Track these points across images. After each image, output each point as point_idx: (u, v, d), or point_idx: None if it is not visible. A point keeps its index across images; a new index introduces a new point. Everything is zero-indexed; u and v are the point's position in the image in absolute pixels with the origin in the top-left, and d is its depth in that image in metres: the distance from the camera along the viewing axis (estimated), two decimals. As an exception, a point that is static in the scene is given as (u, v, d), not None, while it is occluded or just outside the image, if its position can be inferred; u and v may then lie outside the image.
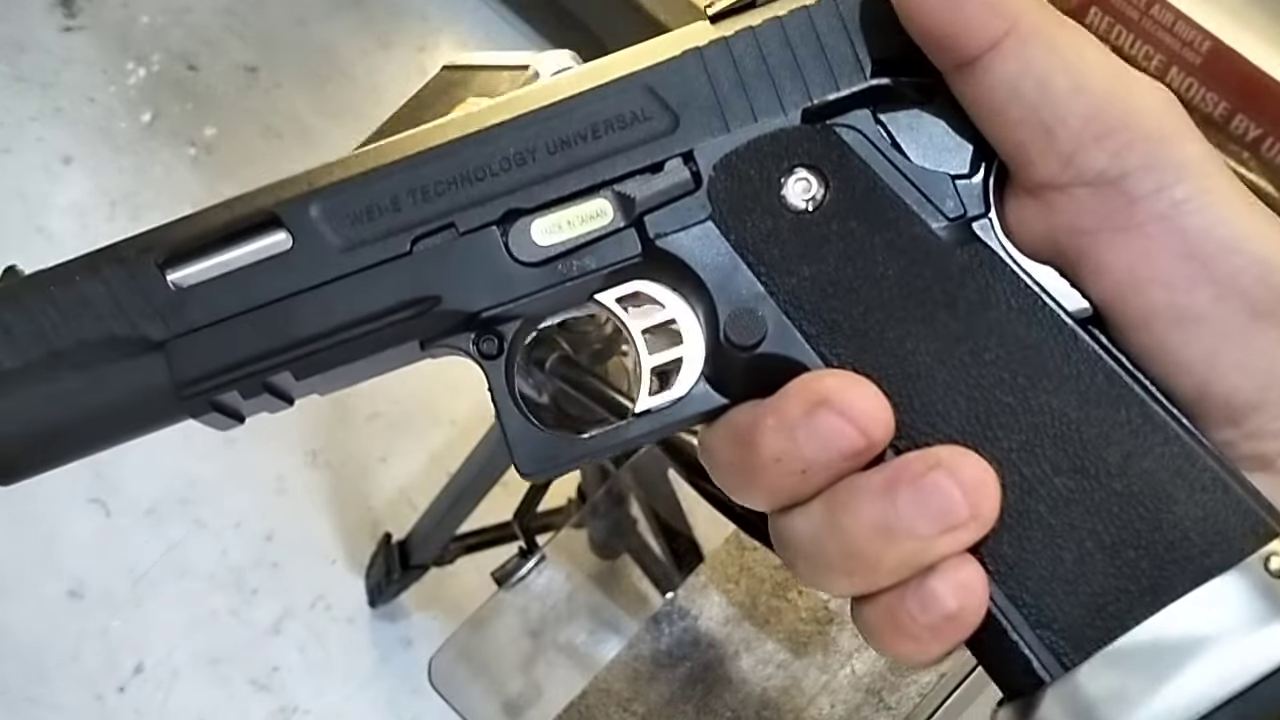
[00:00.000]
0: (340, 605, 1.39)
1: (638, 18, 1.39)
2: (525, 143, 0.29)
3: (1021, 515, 0.26)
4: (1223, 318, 0.26)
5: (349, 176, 0.29)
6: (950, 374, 0.27)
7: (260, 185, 0.31)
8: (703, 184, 0.28)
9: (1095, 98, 0.25)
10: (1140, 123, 0.26)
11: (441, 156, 0.29)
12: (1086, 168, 0.26)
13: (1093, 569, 0.26)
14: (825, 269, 0.28)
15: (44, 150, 1.63)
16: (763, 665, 0.62)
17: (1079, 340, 0.27)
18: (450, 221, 0.29)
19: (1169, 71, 0.79)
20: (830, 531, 0.26)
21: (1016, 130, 0.26)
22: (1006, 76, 0.26)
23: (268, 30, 1.74)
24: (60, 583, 1.37)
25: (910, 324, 0.27)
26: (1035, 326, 0.27)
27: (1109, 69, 0.26)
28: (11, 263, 0.31)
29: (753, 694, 0.61)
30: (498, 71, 0.58)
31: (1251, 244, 0.25)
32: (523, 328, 0.30)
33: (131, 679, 1.34)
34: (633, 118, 0.28)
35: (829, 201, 0.28)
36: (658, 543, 1.06)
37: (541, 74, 0.54)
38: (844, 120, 0.28)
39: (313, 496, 1.44)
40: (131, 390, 0.29)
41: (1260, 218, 0.26)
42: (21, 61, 1.69)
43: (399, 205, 0.29)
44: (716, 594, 0.63)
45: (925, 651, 0.26)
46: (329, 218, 0.29)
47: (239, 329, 0.29)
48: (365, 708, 1.35)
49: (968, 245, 0.28)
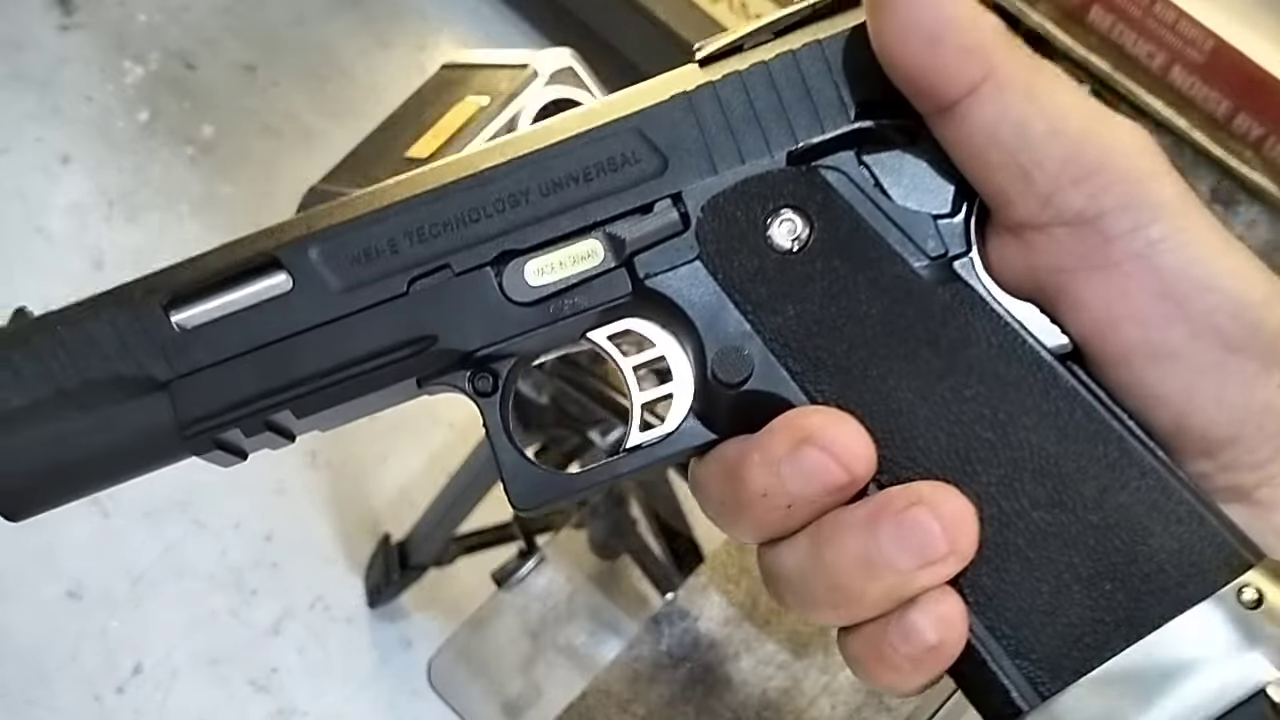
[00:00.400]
0: (340, 606, 1.39)
1: (637, 16, 1.38)
2: (519, 185, 0.29)
3: (1000, 548, 0.27)
4: (1197, 354, 0.26)
5: (347, 219, 0.30)
6: (932, 410, 0.28)
7: (255, 183, 0.31)
8: (691, 225, 0.29)
9: (1071, 141, 0.26)
10: (1116, 164, 0.26)
11: (437, 199, 0.30)
12: (1064, 208, 0.27)
13: (1070, 600, 0.27)
14: (810, 308, 0.28)
15: (42, 150, 1.63)
16: (763, 666, 0.62)
17: (1058, 376, 0.28)
18: (446, 263, 0.29)
19: (1171, 70, 0.79)
20: (815, 565, 0.27)
21: (996, 173, 0.27)
22: (984, 121, 0.27)
23: (266, 29, 1.74)
24: (59, 584, 1.37)
25: (893, 361, 0.28)
26: (1015, 363, 0.28)
27: (1085, 112, 0.27)
28: (21, 304, 0.32)
29: (753, 695, 0.61)
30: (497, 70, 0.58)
31: (1225, 282, 0.26)
32: (517, 365, 0.30)
33: (130, 680, 1.34)
34: (623, 160, 0.29)
35: (814, 241, 0.29)
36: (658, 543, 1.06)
37: (540, 72, 0.54)
38: (829, 162, 0.29)
39: (312, 497, 1.44)
40: (137, 429, 0.30)
41: (1235, 256, 0.27)
42: (19, 60, 1.69)
43: (396, 247, 0.29)
44: (717, 595, 0.63)
45: (908, 682, 0.27)
46: (328, 260, 0.30)
47: (241, 369, 0.30)
48: (365, 708, 1.35)
49: (949, 284, 0.28)
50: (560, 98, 0.54)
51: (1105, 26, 0.81)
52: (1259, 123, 0.77)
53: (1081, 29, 0.82)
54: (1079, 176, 0.26)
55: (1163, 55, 0.79)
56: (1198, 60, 0.77)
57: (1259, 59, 0.75)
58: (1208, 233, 0.26)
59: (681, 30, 1.34)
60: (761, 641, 0.62)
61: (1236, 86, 0.76)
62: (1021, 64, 0.27)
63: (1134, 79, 0.80)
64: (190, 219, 1.60)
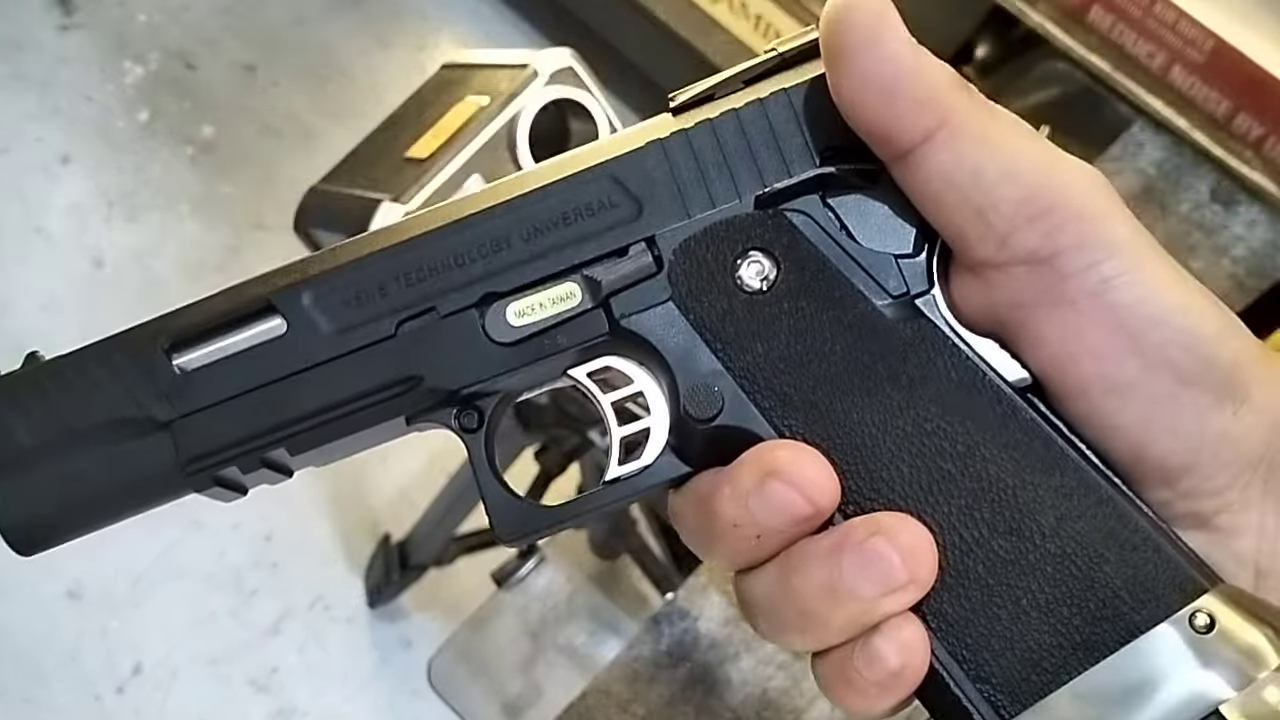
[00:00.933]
0: (339, 606, 1.39)
1: (637, 16, 1.38)
2: (500, 230, 0.31)
3: (961, 575, 0.28)
4: (1152, 386, 0.28)
5: (338, 265, 0.31)
6: (894, 443, 0.29)
7: (255, 183, 0.31)
8: (664, 267, 0.30)
9: (1025, 183, 0.28)
10: (1069, 204, 0.28)
11: (423, 244, 0.31)
12: (1020, 248, 0.28)
13: (1028, 626, 0.28)
14: (778, 346, 0.30)
15: (42, 150, 1.63)
16: (763, 666, 0.62)
17: (1017, 409, 0.29)
18: (432, 305, 0.31)
19: (1171, 70, 0.79)
20: (784, 592, 0.28)
21: (953, 215, 0.28)
22: (941, 167, 0.28)
23: (266, 29, 1.74)
24: (59, 583, 1.37)
25: (857, 396, 0.29)
26: (975, 396, 0.29)
27: (1038, 155, 0.28)
28: (33, 349, 0.33)
29: (753, 695, 0.61)
30: (497, 70, 0.58)
31: (1177, 317, 0.27)
32: (501, 402, 0.32)
33: (130, 680, 1.34)
34: (599, 206, 0.31)
35: (780, 282, 0.30)
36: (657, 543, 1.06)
37: (540, 72, 0.54)
38: (795, 205, 0.30)
39: (312, 497, 1.44)
40: (141, 468, 0.32)
41: (1188, 291, 0.28)
42: (19, 60, 1.69)
43: (385, 291, 0.31)
44: (716, 595, 0.63)
45: (874, 705, 0.28)
46: (320, 304, 0.31)
47: (238, 409, 0.31)
48: (364, 708, 1.35)
49: (911, 321, 0.30)
50: (560, 97, 0.54)
51: (1105, 26, 0.81)
52: (1259, 123, 0.77)
53: (1081, 29, 0.82)
54: (1033, 216, 0.27)
55: (1163, 55, 0.79)
56: (1198, 60, 0.77)
57: (1259, 59, 0.75)
58: (1160, 269, 0.28)
59: (681, 30, 1.34)
60: (761, 641, 0.62)
61: (1236, 86, 0.76)
62: (975, 111, 0.28)
63: (1134, 79, 0.80)
64: (190, 219, 1.60)
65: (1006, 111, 0.29)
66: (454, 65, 0.61)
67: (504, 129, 0.53)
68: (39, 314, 1.52)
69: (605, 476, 0.31)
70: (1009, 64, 1.13)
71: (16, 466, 0.31)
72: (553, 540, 1.09)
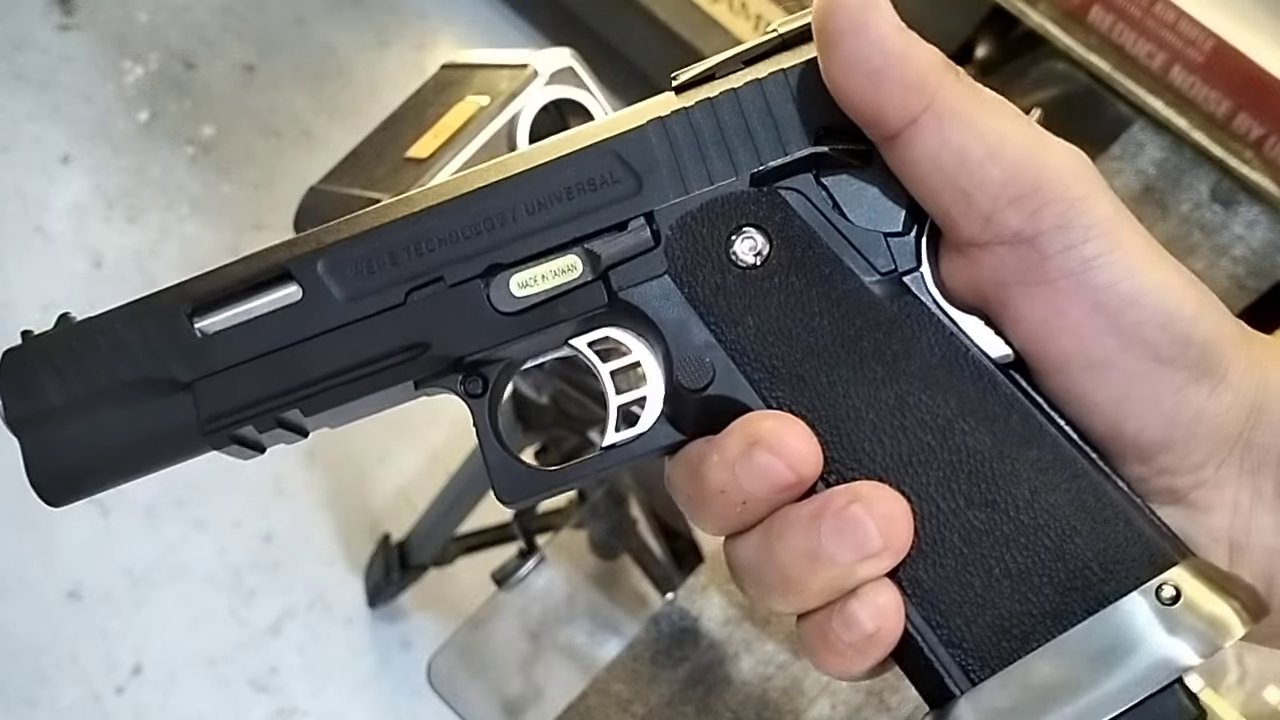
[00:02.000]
0: (339, 606, 1.39)
1: (637, 16, 1.39)
2: (506, 204, 0.32)
3: (937, 544, 0.29)
4: (1129, 364, 0.28)
5: (352, 234, 0.33)
6: (877, 415, 0.30)
7: (255, 183, 0.32)
8: (661, 242, 0.31)
9: (1009, 165, 0.28)
10: (1052, 186, 0.28)
11: (433, 216, 0.32)
12: (1004, 228, 0.29)
13: (1000, 594, 0.29)
14: (768, 319, 0.31)
15: (41, 149, 1.63)
16: (763, 666, 0.62)
17: (998, 384, 0.30)
18: (440, 275, 0.32)
19: (1171, 70, 0.79)
20: (767, 557, 0.30)
21: (940, 195, 0.29)
22: (927, 148, 0.29)
23: (266, 29, 1.74)
24: (59, 584, 1.37)
25: (842, 369, 0.30)
26: (957, 371, 0.30)
27: (1023, 137, 0.29)
28: (65, 311, 0.35)
29: (753, 695, 0.61)
30: (497, 69, 0.58)
31: (1154, 296, 0.28)
32: (505, 370, 0.33)
33: (130, 680, 1.34)
34: (601, 181, 0.32)
35: (773, 258, 0.31)
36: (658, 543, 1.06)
37: (540, 72, 0.54)
38: (789, 183, 0.31)
39: (311, 497, 1.44)
40: (164, 425, 0.33)
41: (1166, 271, 0.28)
42: (18, 60, 1.69)
43: (396, 260, 0.32)
44: (717, 594, 0.63)
45: (851, 666, 0.29)
46: (333, 272, 0.32)
47: (255, 371, 0.33)
48: (364, 709, 1.35)
49: (899, 298, 0.31)
50: (560, 97, 0.54)
51: (1105, 26, 0.81)
52: (1259, 122, 0.77)
53: (1082, 29, 0.82)
54: (1016, 198, 0.28)
55: (1163, 55, 0.79)
56: (1198, 60, 0.77)
57: (1259, 59, 0.75)
58: (1139, 250, 0.28)
59: (681, 30, 1.34)
60: (761, 641, 0.62)
61: (1236, 86, 0.76)
62: (961, 94, 0.29)
63: (1134, 79, 0.80)
64: (190, 219, 1.60)
65: (993, 94, 0.30)
66: (454, 65, 0.61)
67: (504, 129, 0.53)
68: (39, 314, 1.52)
69: (603, 442, 0.32)
70: (1009, 64, 1.13)
71: (47, 422, 0.33)
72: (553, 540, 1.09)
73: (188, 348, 0.33)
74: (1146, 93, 0.80)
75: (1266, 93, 0.75)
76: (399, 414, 0.37)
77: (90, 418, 0.33)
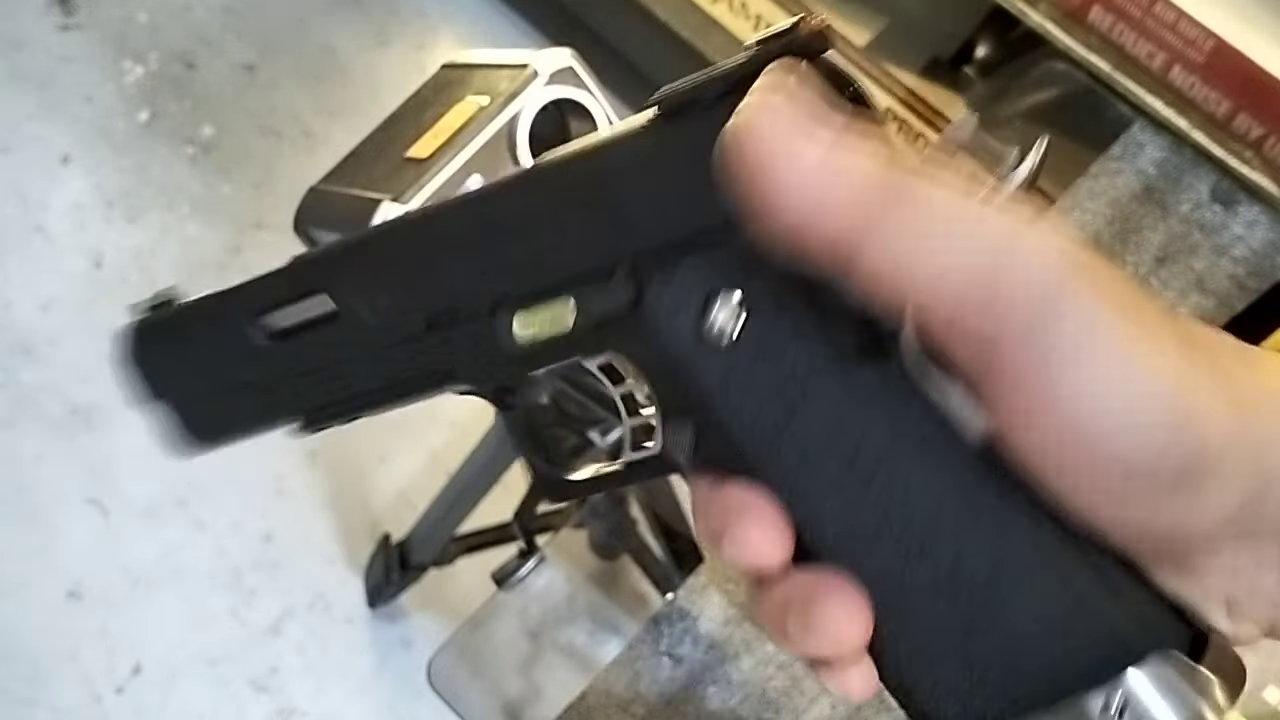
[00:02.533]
0: (339, 606, 1.39)
1: (637, 16, 1.39)
2: (506, 242, 0.31)
3: (894, 612, 0.28)
4: (1097, 478, 0.25)
5: (381, 258, 0.34)
6: (847, 495, 0.28)
7: (255, 182, 0.33)
8: (644, 297, 0.30)
9: (964, 276, 0.24)
10: (1014, 291, 0.24)
11: (447, 244, 0.33)
12: (966, 333, 0.25)
13: (949, 670, 0.28)
14: (748, 384, 0.29)
15: (42, 149, 1.63)
16: (763, 666, 0.62)
17: (974, 461, 0.27)
18: (456, 307, 0.32)
19: (1171, 70, 0.79)
20: (755, 610, 0.30)
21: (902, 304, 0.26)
22: (875, 273, 0.25)
23: (266, 29, 1.74)
24: (59, 583, 1.37)
25: (813, 441, 0.29)
26: (934, 445, 0.27)
27: (982, 238, 0.25)
28: (169, 295, 0.39)
29: (753, 695, 0.61)
30: (497, 69, 0.58)
31: (1124, 415, 0.24)
32: (531, 388, 0.33)
33: (130, 680, 1.34)
34: (589, 228, 0.30)
35: (751, 324, 0.29)
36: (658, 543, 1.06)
37: (540, 72, 0.54)
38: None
39: (312, 497, 1.44)
40: (243, 411, 0.38)
41: (1140, 379, 0.24)
42: (18, 60, 1.69)
43: (415, 291, 0.33)
44: (717, 594, 0.63)
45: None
46: (364, 296, 0.33)
47: (302, 383, 0.36)
48: (364, 709, 1.35)
49: (880, 362, 0.28)
50: (560, 97, 0.54)
51: (1105, 27, 0.81)
52: (1259, 123, 0.77)
53: (1082, 29, 0.82)
54: (976, 309, 0.24)
55: (1163, 55, 0.79)
56: (1198, 60, 0.77)
57: (1259, 59, 0.75)
58: (1111, 353, 0.24)
59: (682, 30, 1.34)
60: (761, 641, 0.62)
61: (1236, 86, 0.76)
62: (902, 209, 0.25)
63: (1134, 79, 0.80)
64: (190, 218, 1.60)
65: (953, 183, 0.25)
66: (454, 65, 0.61)
67: (504, 129, 0.53)
68: (39, 313, 1.52)
69: (620, 459, 0.32)
70: (1009, 64, 1.13)
71: (167, 390, 0.38)
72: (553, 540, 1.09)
73: (253, 352, 0.36)
74: (1146, 93, 0.80)
75: (1266, 93, 0.75)
76: (399, 415, 0.38)
77: (195, 390, 0.37)
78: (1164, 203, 0.77)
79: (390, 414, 0.37)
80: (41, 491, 1.39)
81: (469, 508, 1.14)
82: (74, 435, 1.43)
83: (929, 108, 1.17)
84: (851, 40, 1.21)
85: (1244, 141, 0.78)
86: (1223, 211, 0.77)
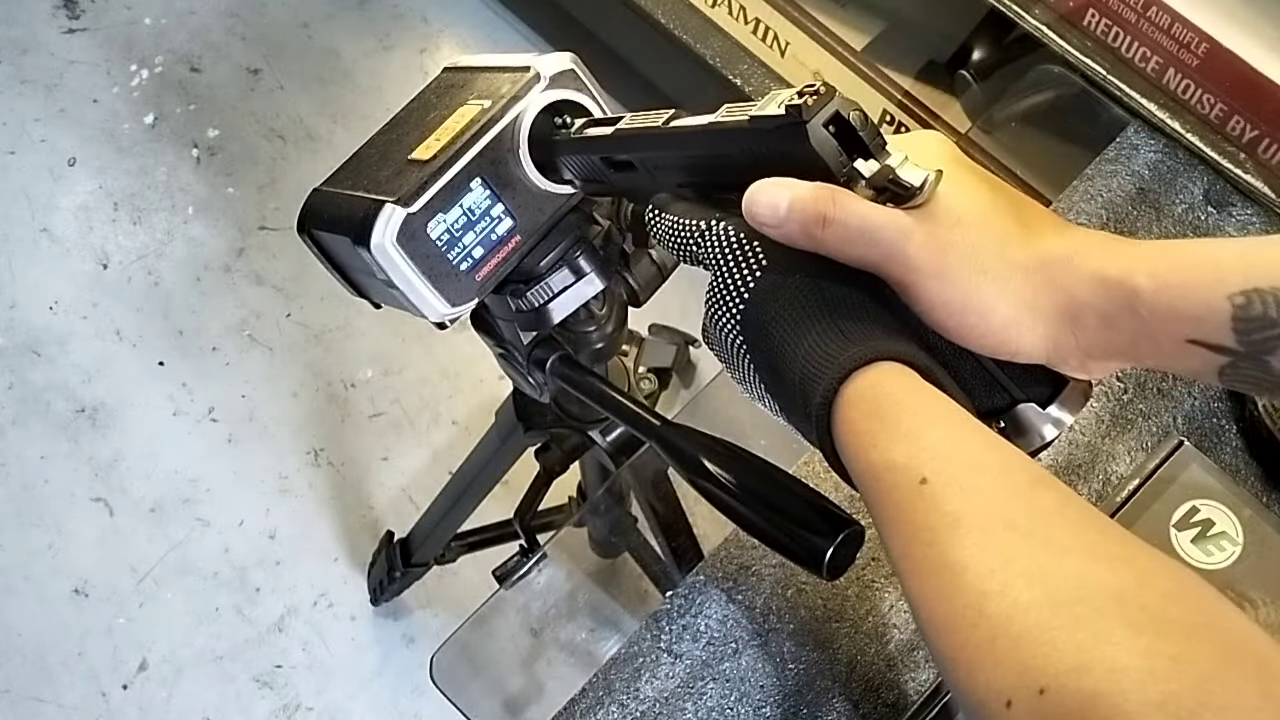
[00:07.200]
0: (343, 603, 1.40)
1: (638, 20, 1.39)
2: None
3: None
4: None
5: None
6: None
7: (259, 184, 0.32)
8: None
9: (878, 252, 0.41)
10: (900, 263, 0.40)
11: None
12: (890, 276, 0.41)
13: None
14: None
15: (48, 152, 1.64)
16: (763, 663, 0.62)
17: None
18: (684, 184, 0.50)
19: (1166, 73, 0.80)
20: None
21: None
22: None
23: (270, 32, 1.75)
24: (65, 581, 1.38)
25: None
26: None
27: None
28: None
29: (752, 691, 0.61)
30: (499, 73, 0.58)
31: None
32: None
33: (135, 676, 1.34)
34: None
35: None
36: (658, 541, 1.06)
37: (542, 76, 0.55)
38: None
39: (315, 495, 1.44)
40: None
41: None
42: (25, 63, 1.70)
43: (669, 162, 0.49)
44: (716, 592, 0.63)
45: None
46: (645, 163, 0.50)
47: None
48: (367, 705, 1.36)
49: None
50: (561, 100, 0.55)
51: (1101, 30, 0.82)
52: (1252, 125, 0.77)
53: (1077, 32, 0.83)
54: (885, 269, 0.41)
55: (1157, 58, 0.79)
56: (1192, 63, 0.78)
57: (1252, 62, 0.76)
58: (959, 287, 0.39)
59: (681, 34, 1.34)
60: (762, 640, 0.62)
61: (1231, 89, 0.77)
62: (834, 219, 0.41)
63: (1129, 82, 0.81)
64: (195, 220, 1.61)
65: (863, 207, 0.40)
66: (456, 68, 0.62)
67: (506, 131, 0.53)
68: (45, 315, 1.53)
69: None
70: (1005, 67, 1.13)
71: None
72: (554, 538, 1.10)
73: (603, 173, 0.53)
74: (1141, 95, 0.80)
75: (1260, 95, 0.76)
76: (401, 413, 0.38)
77: None
78: (1158, 204, 0.78)
79: (393, 411, 0.37)
80: (48, 490, 1.40)
81: (471, 506, 1.15)
82: (80, 435, 1.44)
83: (926, 110, 1.18)
84: (849, 43, 1.22)
85: (1237, 143, 0.79)
86: (1216, 213, 0.78)
